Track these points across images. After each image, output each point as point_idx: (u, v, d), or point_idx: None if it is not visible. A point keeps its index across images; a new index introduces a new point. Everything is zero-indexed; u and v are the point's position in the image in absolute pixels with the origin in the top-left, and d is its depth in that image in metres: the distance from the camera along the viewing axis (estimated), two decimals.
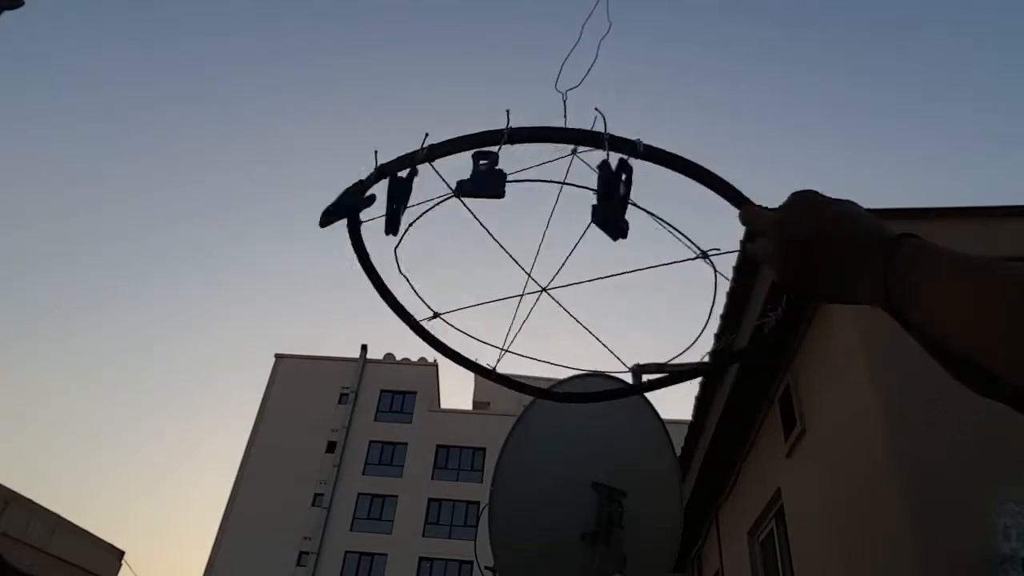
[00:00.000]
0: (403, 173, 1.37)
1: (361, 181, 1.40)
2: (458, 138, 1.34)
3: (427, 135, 1.34)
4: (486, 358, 1.64)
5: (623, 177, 1.26)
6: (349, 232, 1.45)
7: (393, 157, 1.40)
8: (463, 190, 1.34)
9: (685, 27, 71.40)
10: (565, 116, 1.36)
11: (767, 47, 73.16)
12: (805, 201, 0.74)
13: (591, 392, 2.70)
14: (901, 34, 73.81)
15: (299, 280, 68.06)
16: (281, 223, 68.96)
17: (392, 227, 1.37)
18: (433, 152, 1.34)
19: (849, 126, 77.31)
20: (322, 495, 38.26)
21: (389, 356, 44.87)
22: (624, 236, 1.27)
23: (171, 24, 66.46)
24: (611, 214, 1.26)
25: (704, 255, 1.40)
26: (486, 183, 1.32)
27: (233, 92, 65.75)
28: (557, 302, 1.58)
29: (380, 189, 1.43)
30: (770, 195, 1.07)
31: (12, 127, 61.38)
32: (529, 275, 1.56)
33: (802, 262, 0.73)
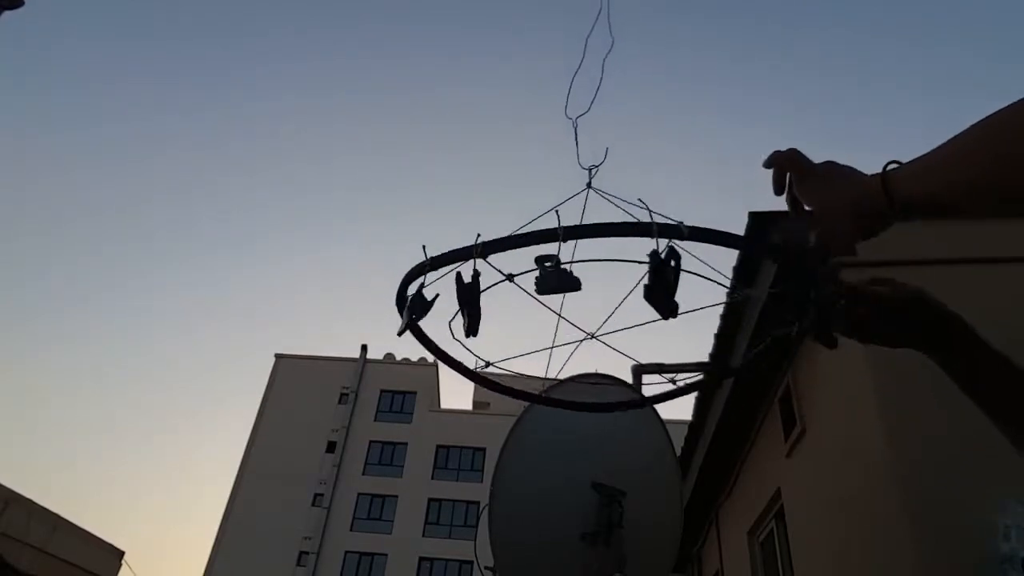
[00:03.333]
0: (465, 271, 1.45)
1: (422, 284, 1.47)
2: (513, 236, 1.41)
3: (479, 235, 1.41)
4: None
5: (671, 264, 1.36)
6: (415, 334, 1.53)
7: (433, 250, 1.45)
8: (543, 290, 1.40)
9: (685, 28, 71.38)
10: (576, 142, 1.40)
11: (767, 46, 73.16)
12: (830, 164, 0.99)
13: (602, 402, 2.70)
14: (901, 34, 73.82)
15: (299, 280, 68.13)
16: (281, 223, 68.98)
17: (473, 331, 1.43)
18: (487, 249, 1.40)
19: (849, 126, 77.33)
20: (322, 495, 38.27)
21: (389, 356, 44.88)
22: (675, 316, 1.38)
23: (172, 25, 66.47)
24: (662, 298, 1.35)
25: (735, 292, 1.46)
26: (562, 281, 1.39)
27: (233, 93, 65.78)
28: (608, 345, 1.66)
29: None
30: (771, 194, 1.08)
31: (12, 127, 61.38)
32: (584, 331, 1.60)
33: (827, 186, 0.96)
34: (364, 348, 43.94)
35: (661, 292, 1.35)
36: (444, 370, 46.46)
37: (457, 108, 67.87)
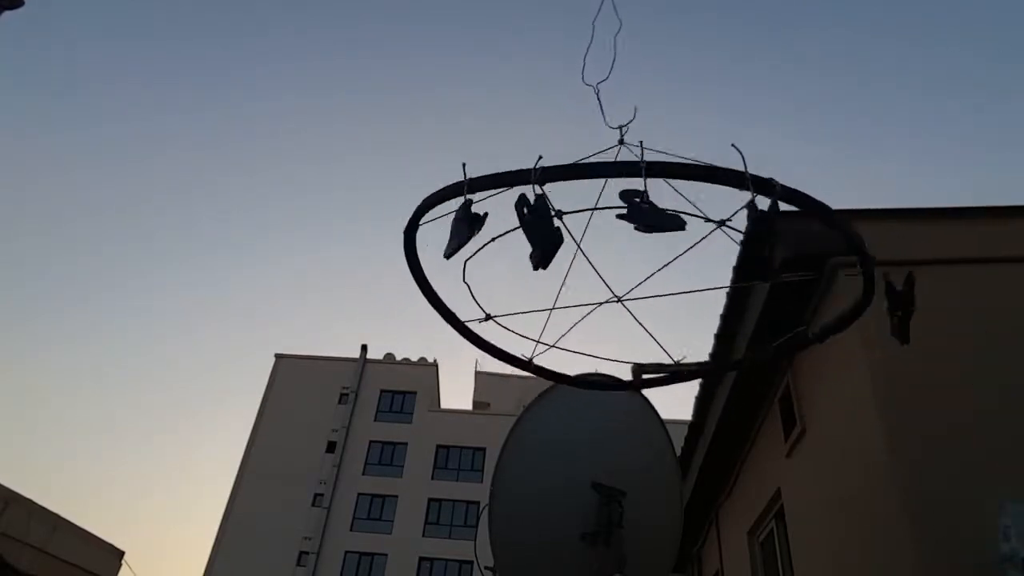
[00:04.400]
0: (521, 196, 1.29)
1: (469, 201, 1.33)
2: (583, 164, 1.26)
3: (540, 156, 1.26)
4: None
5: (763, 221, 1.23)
6: (405, 247, 1.38)
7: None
8: (646, 225, 1.25)
9: (684, 28, 71.40)
10: (601, 107, 1.34)
11: (766, 47, 73.15)
12: None
13: (595, 380, 2.71)
14: (901, 34, 73.82)
15: (299, 280, 68.10)
16: (281, 223, 68.98)
17: (546, 260, 1.26)
18: (547, 176, 1.26)
19: (849, 126, 77.32)
20: (322, 495, 38.25)
21: (389, 356, 44.86)
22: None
23: (171, 25, 66.46)
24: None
25: (720, 224, 1.35)
26: (662, 219, 1.24)
27: (233, 93, 65.76)
28: (630, 312, 1.56)
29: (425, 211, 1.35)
30: (771, 195, 1.08)
31: (12, 127, 61.37)
32: (609, 289, 1.52)
33: None
34: (364, 348, 43.93)
35: (761, 260, 1.20)
36: (444, 370, 46.44)
37: (457, 108, 67.88)
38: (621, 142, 1.29)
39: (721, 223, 1.30)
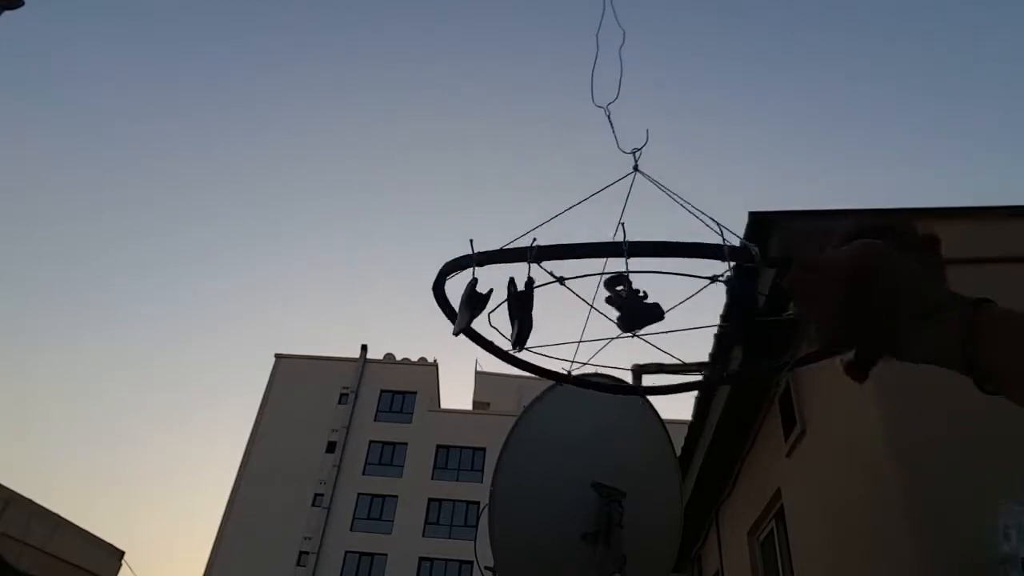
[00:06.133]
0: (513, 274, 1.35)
1: (475, 280, 1.38)
2: (574, 245, 1.30)
3: (535, 238, 1.31)
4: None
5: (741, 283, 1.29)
6: (438, 301, 1.45)
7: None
8: (628, 326, 1.30)
9: (684, 29, 71.40)
10: (612, 129, 1.35)
11: (765, 46, 73.16)
12: (875, 248, 0.72)
13: (601, 382, 2.71)
14: (901, 34, 73.81)
15: (299, 280, 68.12)
16: (282, 223, 68.99)
17: (521, 341, 1.33)
18: (543, 254, 1.30)
19: (849, 126, 77.32)
20: (322, 495, 38.25)
21: (389, 356, 44.86)
22: (751, 334, 1.33)
23: (171, 25, 66.47)
24: (740, 321, 1.27)
25: (713, 280, 1.41)
26: (644, 311, 1.29)
27: (234, 93, 65.76)
28: (651, 344, 1.57)
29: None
30: (771, 197, 1.07)
31: (12, 128, 61.38)
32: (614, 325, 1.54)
33: (860, 310, 0.70)
34: (364, 348, 43.94)
35: (738, 316, 1.27)
36: (444, 370, 46.44)
37: (459, 107, 67.90)
38: (635, 168, 1.31)
39: (713, 279, 1.34)
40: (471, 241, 1.38)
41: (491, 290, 1.37)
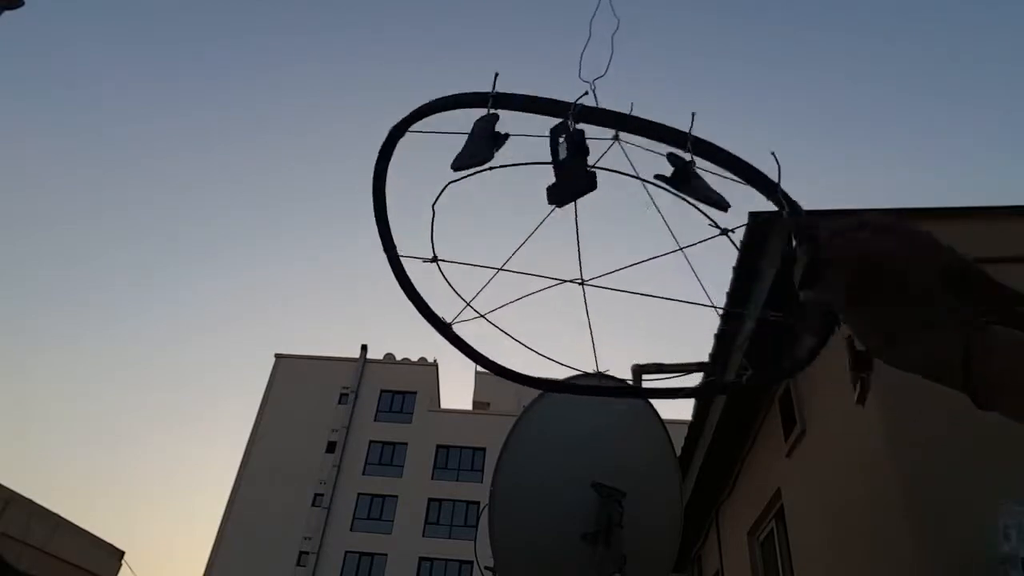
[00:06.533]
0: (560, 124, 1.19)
1: (493, 114, 1.22)
2: (624, 115, 1.18)
3: (586, 92, 1.19)
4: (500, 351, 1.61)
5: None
6: (382, 148, 1.31)
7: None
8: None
9: (684, 28, 71.39)
10: (597, 103, 1.32)
11: (765, 46, 73.17)
12: (898, 226, 0.72)
13: (596, 385, 2.70)
14: (901, 34, 73.80)
15: (299, 280, 68.12)
16: (281, 223, 68.99)
17: (578, 191, 1.13)
18: (587, 116, 1.16)
19: (849, 126, 77.32)
20: (322, 495, 38.25)
21: (389, 356, 44.86)
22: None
23: (171, 25, 66.47)
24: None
25: (724, 232, 1.37)
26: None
27: (233, 93, 65.76)
28: (584, 299, 1.54)
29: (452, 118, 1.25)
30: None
31: (12, 128, 61.36)
32: (582, 277, 1.51)
33: (869, 294, 0.70)
34: (364, 348, 43.94)
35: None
36: (444, 370, 46.43)
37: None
38: (616, 138, 1.29)
39: (725, 231, 1.31)
40: (495, 75, 1.21)
41: (507, 134, 1.19)
